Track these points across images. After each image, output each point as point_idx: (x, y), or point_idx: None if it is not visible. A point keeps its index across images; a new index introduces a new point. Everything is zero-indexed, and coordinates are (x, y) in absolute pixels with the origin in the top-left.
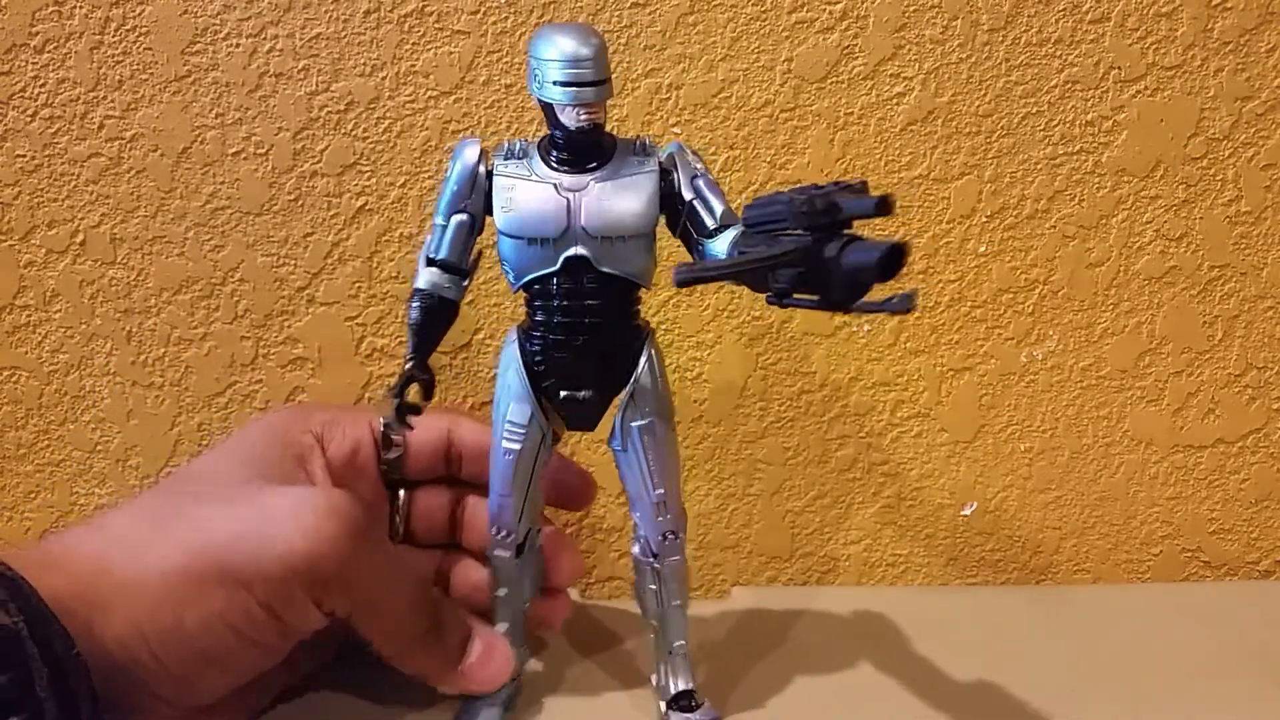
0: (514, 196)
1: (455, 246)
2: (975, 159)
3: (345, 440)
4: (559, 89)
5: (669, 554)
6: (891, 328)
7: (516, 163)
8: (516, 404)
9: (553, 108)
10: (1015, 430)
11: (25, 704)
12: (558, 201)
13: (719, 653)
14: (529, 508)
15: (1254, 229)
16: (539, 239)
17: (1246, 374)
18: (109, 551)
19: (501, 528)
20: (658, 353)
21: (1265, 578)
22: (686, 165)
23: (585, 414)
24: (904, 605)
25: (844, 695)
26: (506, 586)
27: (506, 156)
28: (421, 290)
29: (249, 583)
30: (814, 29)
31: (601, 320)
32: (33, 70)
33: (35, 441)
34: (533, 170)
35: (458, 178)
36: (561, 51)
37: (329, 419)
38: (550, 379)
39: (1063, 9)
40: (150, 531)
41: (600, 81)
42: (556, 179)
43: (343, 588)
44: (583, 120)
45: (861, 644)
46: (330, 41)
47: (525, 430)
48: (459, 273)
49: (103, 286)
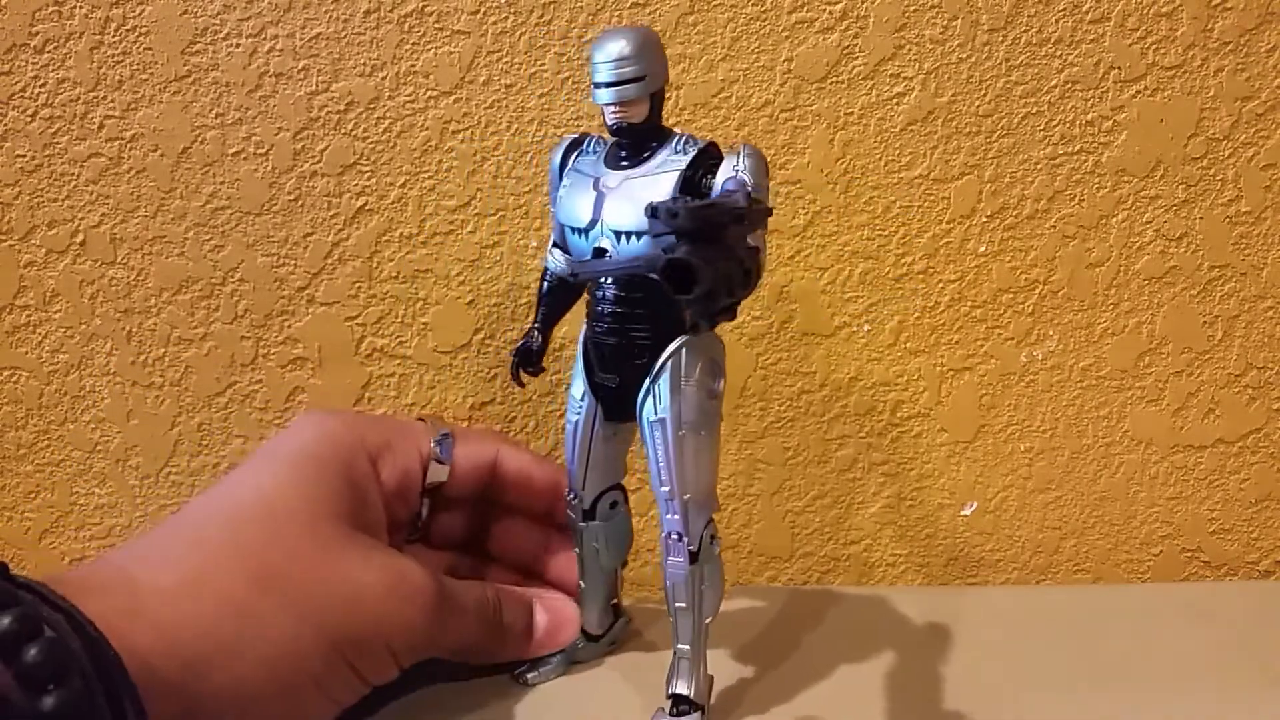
0: (569, 188)
1: (559, 233)
2: (975, 159)
3: (396, 468)
4: (595, 90)
5: (673, 554)
6: (891, 328)
7: (590, 158)
8: (576, 379)
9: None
10: (1015, 430)
11: None
12: (591, 195)
13: (718, 653)
14: (592, 478)
15: (1254, 229)
16: (576, 229)
17: (1246, 374)
18: (212, 613)
19: (571, 490)
20: (694, 354)
21: (1265, 578)
22: (731, 164)
23: (614, 401)
24: (904, 605)
25: (844, 695)
26: (580, 547)
27: (585, 152)
28: (547, 270)
29: (344, 649)
30: (814, 29)
31: (622, 311)
32: (33, 70)
33: (35, 441)
34: (595, 166)
35: (550, 172)
36: (593, 55)
37: (383, 443)
38: (590, 362)
39: (1063, 9)
40: (252, 593)
41: (627, 81)
42: (603, 174)
43: (424, 647)
44: (615, 118)
45: (861, 644)
46: (330, 41)
47: (581, 404)
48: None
49: (103, 286)
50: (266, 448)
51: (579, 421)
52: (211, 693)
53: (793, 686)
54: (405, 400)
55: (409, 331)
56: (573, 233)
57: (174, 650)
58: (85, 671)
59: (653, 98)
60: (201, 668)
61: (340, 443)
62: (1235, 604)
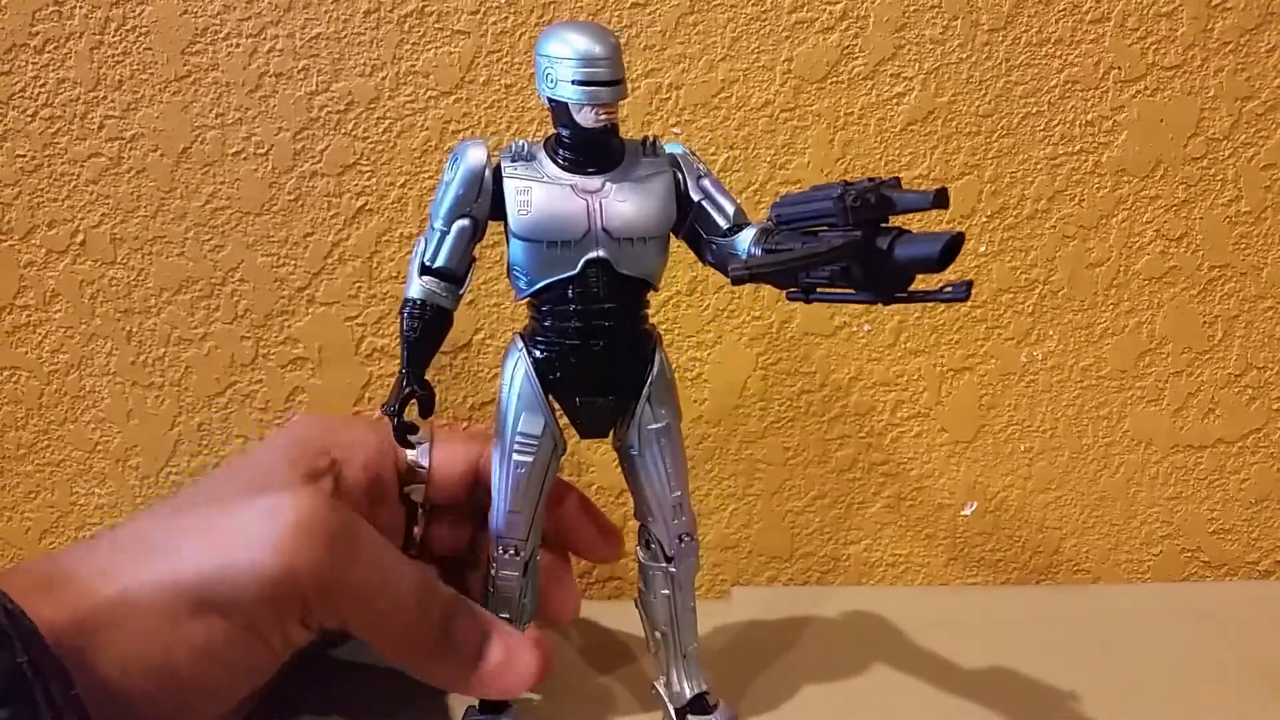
0: (530, 199)
1: (455, 254)
2: (975, 159)
3: (366, 469)
4: (575, 88)
5: (685, 556)
6: (891, 328)
7: (525, 164)
8: (529, 415)
9: (566, 107)
10: (1015, 430)
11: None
12: (577, 203)
13: (719, 653)
14: (537, 526)
15: (1254, 229)
16: (559, 242)
17: (1246, 374)
18: (97, 581)
19: (509, 545)
20: (665, 355)
21: (1265, 578)
22: (691, 166)
23: (601, 421)
24: (904, 605)
25: (844, 696)
26: (507, 610)
27: (514, 158)
28: (414, 300)
29: (225, 610)
30: (814, 29)
31: (616, 323)
32: (33, 70)
33: (35, 441)
34: (544, 172)
35: (462, 180)
36: (577, 50)
37: (351, 442)
38: (566, 386)
39: (1063, 9)
40: (134, 560)
41: (616, 81)
42: (571, 180)
43: (328, 602)
44: (600, 120)
45: (862, 644)
46: (330, 41)
47: (538, 442)
48: (456, 281)
49: (103, 286)
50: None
51: (533, 464)
52: (107, 663)
53: (793, 687)
54: None
55: None
56: (550, 247)
57: (78, 622)
58: (9, 640)
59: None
60: (93, 638)
61: (298, 439)
62: (1235, 604)
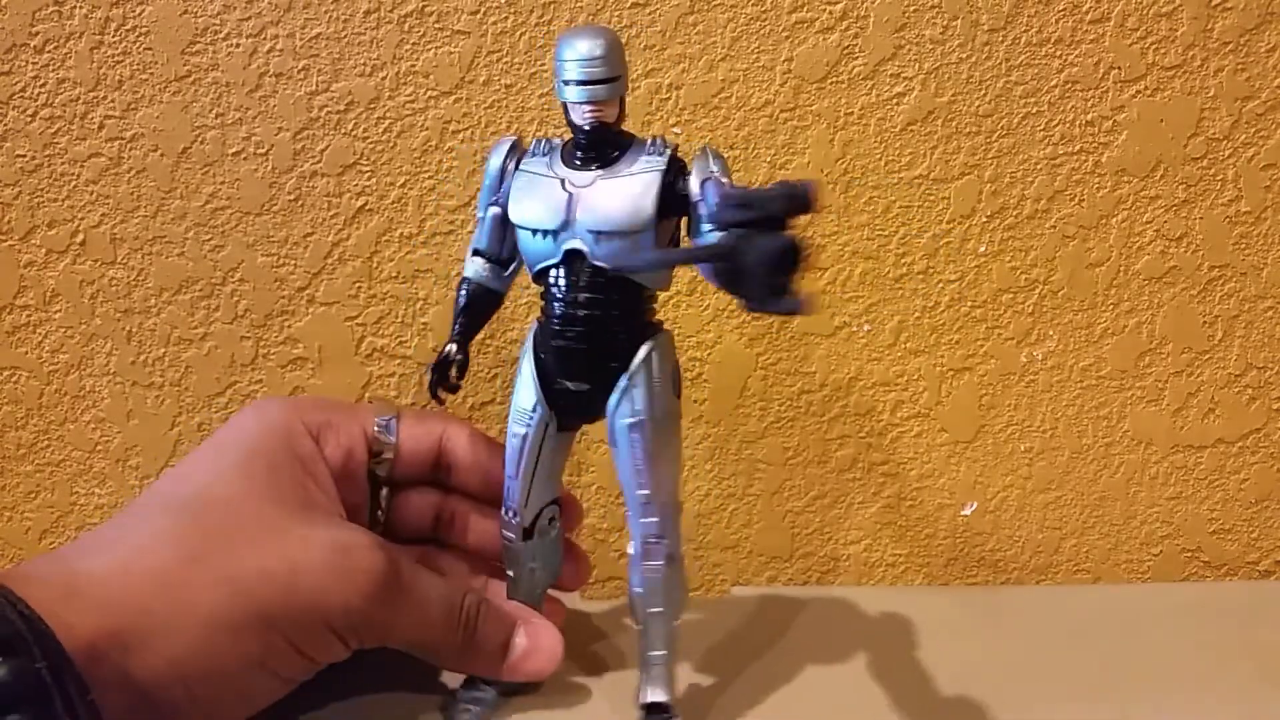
0: (525, 189)
1: (492, 238)
2: (975, 159)
3: (340, 446)
4: (570, 88)
5: (651, 558)
6: (891, 328)
7: (541, 159)
8: (524, 390)
9: (567, 107)
10: (1015, 430)
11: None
12: (560, 195)
13: (718, 653)
14: (535, 493)
15: (1254, 229)
16: (541, 230)
17: (1246, 374)
18: (147, 590)
19: (509, 509)
20: (663, 354)
21: (1265, 578)
22: (704, 167)
23: (577, 407)
24: (904, 605)
25: (844, 695)
26: (513, 569)
27: (534, 153)
28: (466, 279)
29: (282, 626)
30: (814, 29)
31: (597, 314)
32: (33, 70)
33: (35, 441)
34: (551, 166)
35: (489, 172)
36: (569, 51)
37: (324, 421)
38: (544, 369)
39: (1063, 9)
40: (185, 570)
41: (605, 80)
42: (566, 174)
43: (373, 631)
44: (589, 117)
45: (861, 644)
46: (330, 41)
47: (531, 416)
48: (500, 263)
49: (103, 286)
50: (206, 442)
51: (528, 434)
52: (151, 669)
53: (792, 687)
54: (405, 400)
55: (409, 331)
56: (535, 235)
57: (110, 628)
58: (28, 645)
59: (620, 99)
60: (137, 645)
61: (278, 425)
62: (1235, 604)
